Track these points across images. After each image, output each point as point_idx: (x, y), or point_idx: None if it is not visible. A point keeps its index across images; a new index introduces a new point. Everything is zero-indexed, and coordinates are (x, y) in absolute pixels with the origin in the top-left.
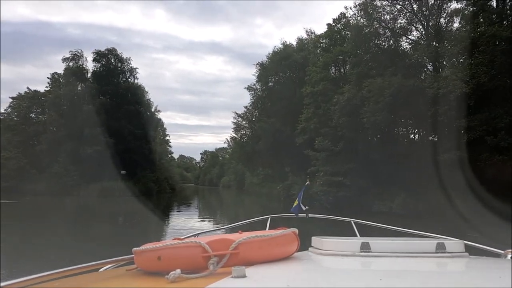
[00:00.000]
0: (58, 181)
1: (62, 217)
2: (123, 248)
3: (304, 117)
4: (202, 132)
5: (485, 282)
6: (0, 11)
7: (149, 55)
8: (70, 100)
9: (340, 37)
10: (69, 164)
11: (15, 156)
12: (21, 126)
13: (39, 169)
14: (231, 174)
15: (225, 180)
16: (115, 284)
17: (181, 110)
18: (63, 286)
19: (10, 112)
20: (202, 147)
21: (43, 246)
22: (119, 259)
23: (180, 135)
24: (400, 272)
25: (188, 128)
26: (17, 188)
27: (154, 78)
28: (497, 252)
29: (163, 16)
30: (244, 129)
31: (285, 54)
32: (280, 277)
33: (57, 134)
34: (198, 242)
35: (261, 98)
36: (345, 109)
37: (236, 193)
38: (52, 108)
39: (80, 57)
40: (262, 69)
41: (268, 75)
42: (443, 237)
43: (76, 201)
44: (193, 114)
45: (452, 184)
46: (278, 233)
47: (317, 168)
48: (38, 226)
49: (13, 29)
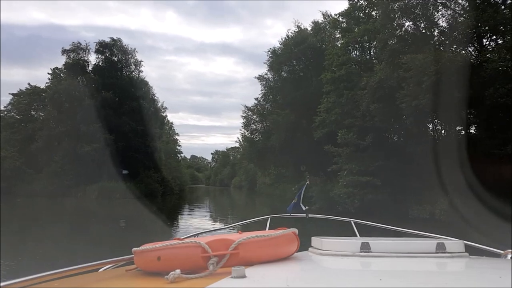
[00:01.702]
0: (54, 181)
1: (50, 221)
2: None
3: (324, 107)
4: (214, 133)
5: (485, 282)
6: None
7: (161, 57)
8: (70, 95)
9: (364, 15)
10: (66, 163)
11: (11, 155)
12: (21, 124)
13: (36, 169)
14: (242, 174)
15: (236, 181)
16: (114, 284)
17: (193, 111)
18: (63, 286)
19: (10, 110)
20: (214, 148)
21: (21, 256)
22: (119, 259)
23: (192, 136)
24: (400, 272)
25: (200, 128)
26: (11, 189)
27: (166, 79)
28: (497, 252)
29: (174, 19)
30: (255, 124)
31: (299, 39)
32: (280, 277)
33: (54, 131)
34: (198, 242)
35: (273, 88)
36: (377, 93)
37: (247, 194)
38: (50, 103)
39: (82, 49)
40: (275, 57)
41: (281, 63)
42: (443, 237)
43: (71, 203)
44: (204, 115)
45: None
46: (278, 233)
47: (340, 166)
48: (17, 233)
49: (28, 33)
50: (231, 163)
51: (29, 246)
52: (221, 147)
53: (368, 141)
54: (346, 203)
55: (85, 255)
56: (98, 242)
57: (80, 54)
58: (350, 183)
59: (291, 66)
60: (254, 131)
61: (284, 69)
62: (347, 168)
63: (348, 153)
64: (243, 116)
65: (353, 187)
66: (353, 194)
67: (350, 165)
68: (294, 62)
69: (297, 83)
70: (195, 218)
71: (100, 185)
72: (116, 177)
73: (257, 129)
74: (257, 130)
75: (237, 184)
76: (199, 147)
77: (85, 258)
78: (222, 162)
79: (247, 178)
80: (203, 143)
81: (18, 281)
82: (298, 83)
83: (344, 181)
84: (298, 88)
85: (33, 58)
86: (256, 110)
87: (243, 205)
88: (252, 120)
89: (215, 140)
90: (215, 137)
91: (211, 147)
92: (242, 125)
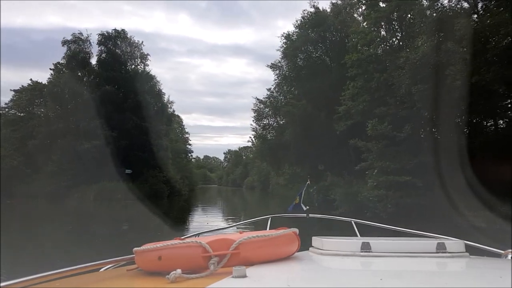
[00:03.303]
0: (51, 181)
1: (40, 225)
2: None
3: (349, 94)
4: (227, 133)
5: (485, 282)
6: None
7: (174, 59)
8: (70, 89)
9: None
10: (65, 162)
11: (9, 154)
12: (21, 121)
13: (34, 168)
14: (254, 174)
15: (249, 181)
16: (115, 284)
17: (206, 112)
18: (64, 286)
19: (11, 107)
20: (227, 148)
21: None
22: (120, 259)
23: (205, 137)
24: (400, 272)
25: (213, 129)
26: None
27: (180, 81)
28: (497, 252)
29: (187, 21)
30: (267, 118)
31: (317, 21)
32: (280, 277)
33: (52, 127)
34: (199, 242)
35: (287, 78)
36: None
37: (260, 195)
38: (49, 98)
39: (83, 40)
40: (290, 43)
41: (296, 48)
42: (443, 237)
43: (68, 205)
44: (217, 115)
45: None
46: (279, 233)
47: (370, 163)
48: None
49: (44, 36)
50: (244, 162)
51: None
52: (234, 147)
53: (406, 133)
54: (376, 207)
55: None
56: (93, 249)
57: (81, 46)
58: (382, 183)
59: (308, 52)
60: (267, 126)
61: (300, 56)
62: (379, 166)
63: (380, 147)
64: (254, 110)
65: (385, 188)
66: (386, 197)
67: (383, 162)
68: (311, 48)
69: (315, 70)
70: (201, 222)
71: (100, 185)
72: (118, 177)
73: (269, 124)
74: (269, 125)
75: (249, 184)
76: (213, 148)
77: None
78: (234, 161)
79: (260, 179)
80: (217, 144)
81: (18, 281)
82: (316, 70)
83: (374, 182)
84: (316, 76)
85: (49, 61)
86: (268, 102)
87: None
88: (264, 114)
89: (228, 140)
90: (228, 138)
91: (224, 147)
92: (253, 119)
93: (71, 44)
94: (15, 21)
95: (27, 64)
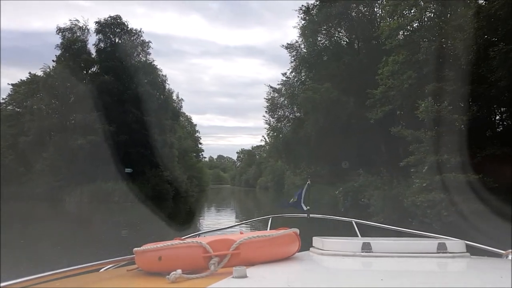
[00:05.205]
0: (41, 182)
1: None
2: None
3: (388, 70)
4: (240, 134)
5: (486, 283)
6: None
7: (187, 61)
8: (64, 79)
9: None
10: (56, 160)
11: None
12: (17, 116)
13: (26, 167)
14: (268, 173)
15: (262, 181)
16: (116, 284)
17: (219, 113)
18: (64, 286)
19: (8, 102)
20: (241, 148)
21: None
22: (120, 259)
23: (219, 137)
24: (401, 272)
25: (226, 129)
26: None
27: (193, 82)
28: (498, 252)
29: (199, 23)
30: (282, 108)
31: None
32: (281, 277)
33: (45, 121)
34: (199, 242)
35: (307, 60)
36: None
37: (274, 197)
38: (43, 90)
39: (79, 28)
40: (309, 20)
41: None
42: (444, 237)
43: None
44: (230, 116)
45: None
46: (279, 233)
47: (420, 157)
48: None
49: (56, 38)
50: (257, 162)
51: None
52: (247, 147)
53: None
54: (427, 215)
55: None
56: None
57: (77, 34)
58: (436, 184)
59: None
60: (282, 118)
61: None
62: (431, 162)
63: (434, 137)
64: (266, 99)
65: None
66: (440, 202)
67: (440, 156)
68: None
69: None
70: (205, 226)
71: (96, 185)
72: (115, 176)
73: (285, 116)
74: (285, 116)
75: (263, 184)
76: (226, 148)
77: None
78: (247, 161)
79: (274, 178)
80: (230, 144)
81: (18, 281)
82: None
83: (423, 182)
84: (340, 57)
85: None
86: (284, 90)
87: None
88: (278, 104)
89: (242, 140)
90: (242, 138)
91: (237, 147)
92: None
93: (66, 32)
94: (30, 23)
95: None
